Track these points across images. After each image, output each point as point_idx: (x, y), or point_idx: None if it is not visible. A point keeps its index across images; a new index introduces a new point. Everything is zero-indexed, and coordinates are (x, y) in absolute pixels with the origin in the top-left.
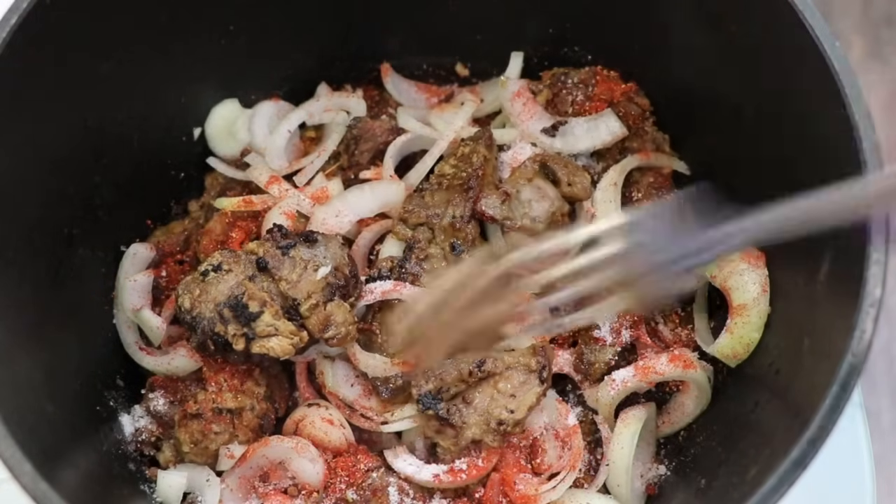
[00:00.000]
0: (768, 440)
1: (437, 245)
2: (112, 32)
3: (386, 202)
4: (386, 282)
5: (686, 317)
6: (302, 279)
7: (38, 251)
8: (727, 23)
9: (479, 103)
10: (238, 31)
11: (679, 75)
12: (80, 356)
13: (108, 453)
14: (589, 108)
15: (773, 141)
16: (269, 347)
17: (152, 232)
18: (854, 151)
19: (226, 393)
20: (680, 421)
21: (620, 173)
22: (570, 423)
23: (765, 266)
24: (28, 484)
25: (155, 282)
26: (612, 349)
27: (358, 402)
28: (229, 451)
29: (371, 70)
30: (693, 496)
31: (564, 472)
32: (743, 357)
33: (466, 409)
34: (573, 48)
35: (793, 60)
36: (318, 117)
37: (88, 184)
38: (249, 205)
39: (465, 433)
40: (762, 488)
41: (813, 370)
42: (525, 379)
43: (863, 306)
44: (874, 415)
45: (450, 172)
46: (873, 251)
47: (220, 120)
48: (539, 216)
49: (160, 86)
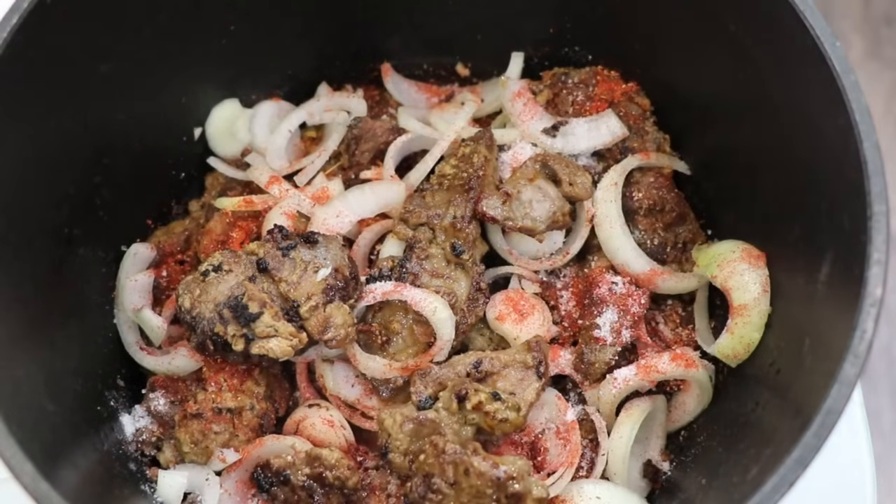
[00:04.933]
0: (769, 440)
1: (438, 245)
2: (112, 32)
3: (386, 202)
4: (387, 282)
5: (686, 317)
6: (302, 280)
7: (38, 251)
8: (727, 23)
9: (480, 103)
10: (238, 32)
11: (679, 75)
12: (81, 356)
13: (109, 453)
14: (589, 108)
15: (774, 141)
16: (268, 348)
17: (153, 232)
18: (854, 151)
19: (225, 392)
20: (681, 420)
21: (621, 173)
22: (569, 418)
23: (765, 266)
24: (29, 484)
25: (155, 282)
26: (613, 349)
27: (360, 402)
28: (222, 454)
29: (371, 70)
30: (694, 495)
31: (563, 469)
32: (743, 357)
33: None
34: (574, 48)
35: (793, 60)
36: (318, 117)
37: (89, 184)
38: (250, 205)
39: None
40: (763, 488)
41: (813, 370)
42: (523, 376)
43: (863, 306)
44: (874, 415)
45: (450, 173)
46: (874, 251)
47: (220, 120)
48: (540, 216)
49: (161, 86)
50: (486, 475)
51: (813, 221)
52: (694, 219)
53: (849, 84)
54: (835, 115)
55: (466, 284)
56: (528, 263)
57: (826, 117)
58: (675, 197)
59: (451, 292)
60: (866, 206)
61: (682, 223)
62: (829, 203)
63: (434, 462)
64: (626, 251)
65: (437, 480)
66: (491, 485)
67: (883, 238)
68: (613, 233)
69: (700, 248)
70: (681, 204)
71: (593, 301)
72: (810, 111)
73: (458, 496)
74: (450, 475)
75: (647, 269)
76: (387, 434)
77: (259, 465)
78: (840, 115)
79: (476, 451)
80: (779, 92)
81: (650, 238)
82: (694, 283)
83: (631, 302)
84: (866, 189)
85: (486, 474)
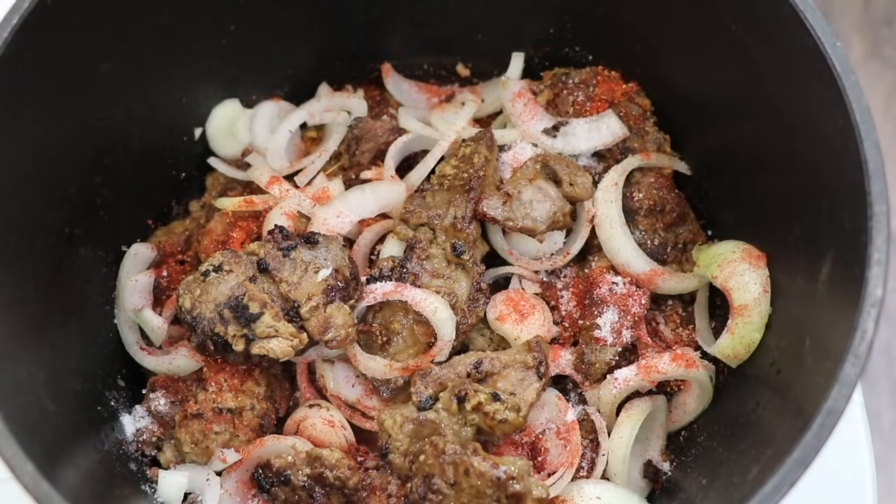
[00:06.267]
0: (769, 440)
1: (439, 245)
2: (113, 33)
3: (387, 202)
4: (387, 283)
5: (687, 317)
6: (302, 281)
7: (39, 251)
8: (727, 23)
9: (480, 104)
10: (239, 32)
11: (680, 75)
12: (82, 356)
13: (110, 453)
14: (590, 108)
15: (774, 141)
16: (268, 349)
17: (153, 232)
18: (854, 151)
19: (226, 393)
20: (681, 420)
21: (621, 174)
22: (569, 419)
23: (766, 266)
24: (29, 483)
25: (156, 282)
26: (613, 349)
27: (360, 402)
28: (222, 454)
29: (372, 70)
30: (694, 496)
31: (563, 469)
32: (744, 357)
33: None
34: (574, 48)
35: (793, 60)
36: (319, 117)
37: (89, 184)
38: (250, 205)
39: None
40: (763, 488)
41: (814, 370)
42: (523, 376)
43: (864, 306)
44: (874, 415)
45: (451, 173)
46: (874, 251)
47: (221, 120)
48: (540, 216)
49: (161, 86)
50: (486, 475)
51: (813, 222)
52: (694, 219)
53: (849, 84)
54: (835, 115)
55: (467, 285)
56: (528, 264)
57: (826, 117)
58: (675, 197)
59: (451, 292)
60: (867, 207)
61: (682, 223)
62: (829, 203)
63: (434, 462)
64: (627, 251)
65: (438, 481)
66: (491, 485)
67: (883, 238)
68: (614, 233)
69: (700, 248)
70: (681, 204)
71: (594, 301)
72: (810, 111)
73: (459, 496)
74: (450, 475)
75: (648, 269)
76: (387, 435)
77: (259, 466)
78: (840, 115)
79: (476, 451)
80: (779, 92)
81: (650, 238)
82: (694, 284)
83: (631, 302)
84: (867, 189)
85: (487, 474)
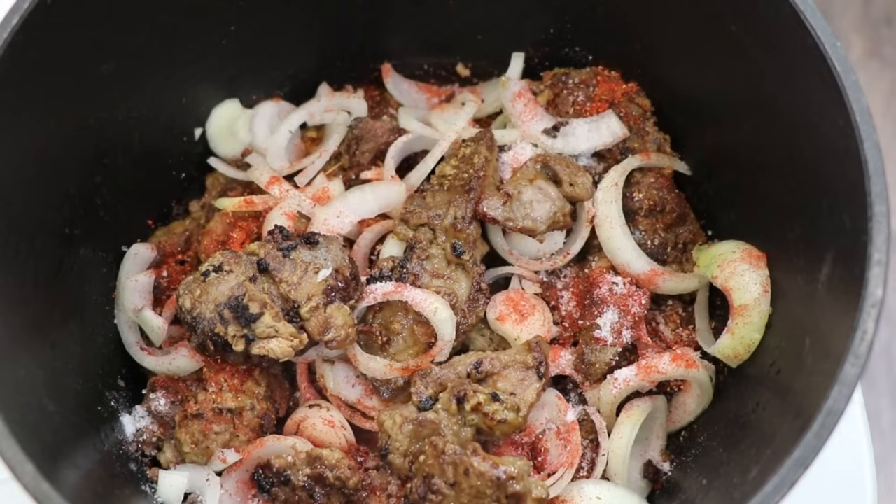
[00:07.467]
0: (769, 440)
1: (439, 246)
2: (113, 33)
3: (387, 203)
4: (387, 283)
5: (687, 317)
6: (302, 281)
7: (39, 251)
8: (727, 23)
9: (480, 104)
10: (239, 32)
11: (680, 75)
12: (82, 356)
13: (110, 453)
14: (590, 108)
15: (774, 141)
16: (268, 349)
17: (153, 232)
18: (854, 151)
19: (226, 393)
20: (681, 420)
21: (622, 174)
22: (570, 419)
23: (766, 267)
24: (29, 484)
25: (156, 282)
26: (613, 349)
27: (360, 402)
28: (223, 454)
29: (372, 70)
30: (694, 496)
31: (563, 469)
32: (744, 357)
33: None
34: (574, 48)
35: (793, 60)
36: (319, 117)
37: (89, 184)
38: (250, 205)
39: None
40: (764, 488)
41: (814, 370)
42: (523, 376)
43: (864, 307)
44: (874, 415)
45: (451, 173)
46: (874, 251)
47: (221, 120)
48: (540, 217)
49: (161, 86)
50: (486, 475)
51: (813, 222)
52: (694, 219)
53: (849, 84)
54: (835, 115)
55: (467, 285)
56: (528, 264)
57: (826, 117)
58: (675, 197)
59: (451, 293)
60: (867, 207)
61: (682, 223)
62: (829, 203)
63: (434, 463)
64: (627, 252)
65: (437, 481)
66: (491, 485)
67: (883, 238)
68: (614, 233)
69: (700, 248)
70: (681, 204)
71: (594, 301)
72: (810, 111)
73: (458, 497)
74: (450, 476)
75: (648, 269)
76: (387, 435)
77: (260, 466)
78: (840, 115)
79: (476, 451)
80: (779, 92)
81: (651, 238)
82: (694, 284)
83: (631, 302)
84: (867, 189)
85: (486, 475)
